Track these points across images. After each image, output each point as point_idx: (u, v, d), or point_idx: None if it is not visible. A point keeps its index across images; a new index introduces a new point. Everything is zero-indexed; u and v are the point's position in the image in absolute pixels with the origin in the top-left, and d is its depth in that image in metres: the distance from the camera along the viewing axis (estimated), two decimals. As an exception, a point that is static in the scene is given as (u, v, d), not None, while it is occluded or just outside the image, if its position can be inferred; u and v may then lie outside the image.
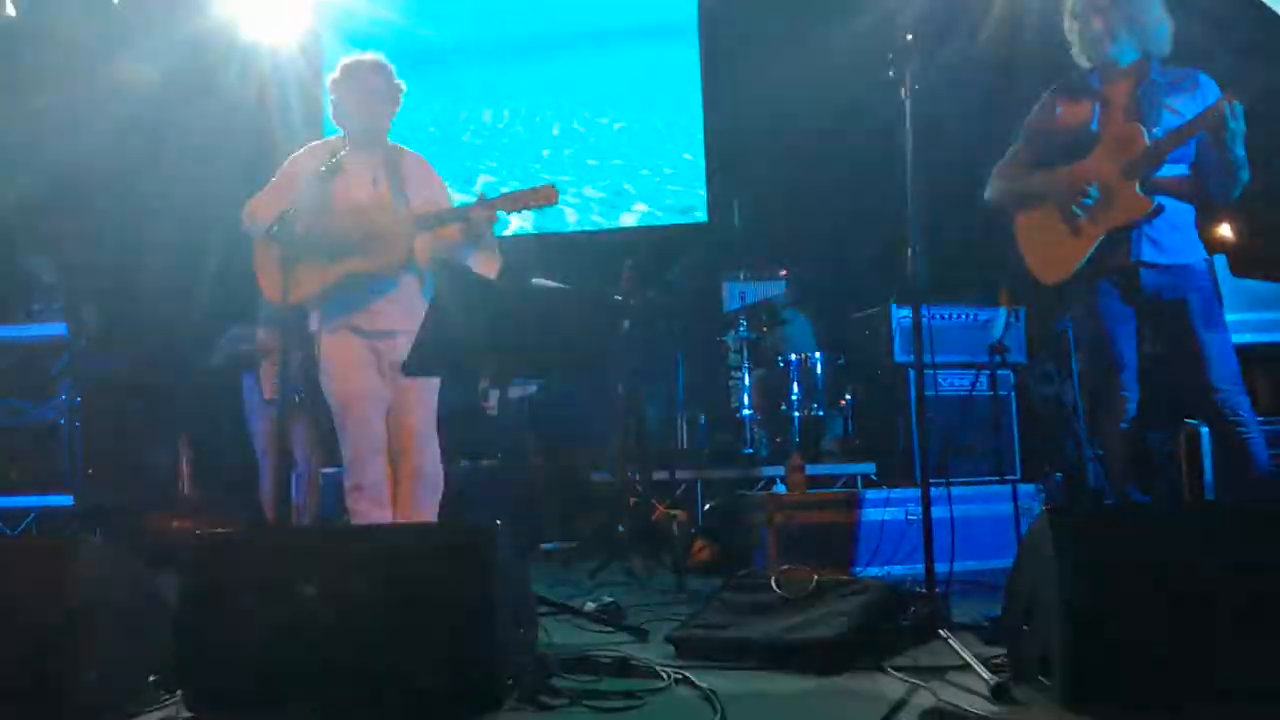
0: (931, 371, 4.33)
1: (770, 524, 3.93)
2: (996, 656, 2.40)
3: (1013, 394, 4.49)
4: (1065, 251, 3.13)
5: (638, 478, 4.97)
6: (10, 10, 6.46)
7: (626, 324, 4.68)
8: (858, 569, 3.86)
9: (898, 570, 3.81)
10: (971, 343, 4.34)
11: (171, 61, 6.76)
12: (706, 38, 7.25)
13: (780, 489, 4.41)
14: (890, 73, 2.67)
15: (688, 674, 2.39)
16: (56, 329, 5.70)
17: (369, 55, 3.43)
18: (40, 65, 6.65)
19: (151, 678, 2.21)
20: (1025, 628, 2.24)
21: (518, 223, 6.82)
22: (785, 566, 2.80)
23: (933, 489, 2.69)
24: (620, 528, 4.61)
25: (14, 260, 6.31)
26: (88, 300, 6.14)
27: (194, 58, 6.82)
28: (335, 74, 3.41)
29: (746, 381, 5.78)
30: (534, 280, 3.02)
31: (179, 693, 2.15)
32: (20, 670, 2.08)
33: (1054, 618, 2.06)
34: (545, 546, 5.38)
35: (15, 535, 5.51)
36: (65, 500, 5.60)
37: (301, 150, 3.45)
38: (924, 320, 2.77)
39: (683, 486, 5.46)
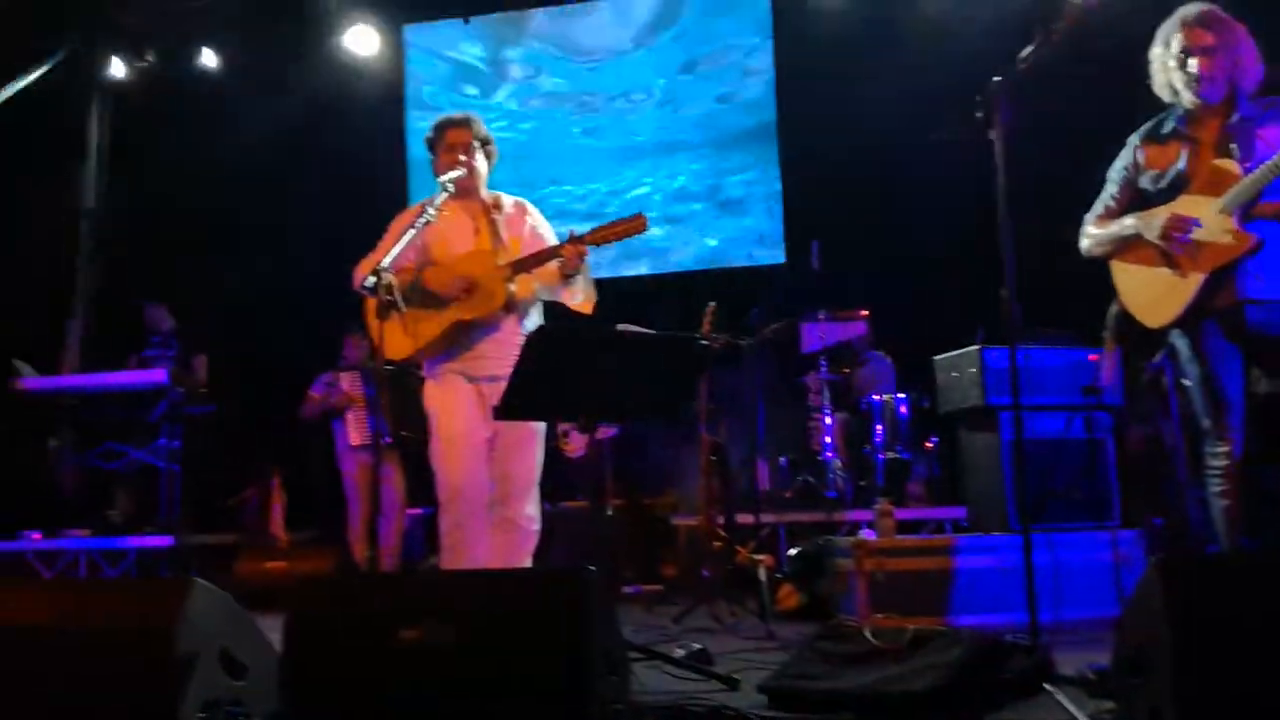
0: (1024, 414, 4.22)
1: (860, 570, 3.85)
2: (1105, 712, 2.32)
3: (1110, 437, 4.34)
4: (1169, 295, 3.06)
5: (721, 521, 4.94)
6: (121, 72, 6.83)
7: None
8: (951, 618, 3.76)
9: (993, 620, 3.70)
10: (1065, 384, 4.22)
11: (276, 124, 7.12)
12: (782, 78, 7.29)
13: (867, 533, 4.33)
14: (978, 114, 2.65)
15: (781, 725, 2.36)
16: (156, 375, 5.92)
17: (460, 112, 3.56)
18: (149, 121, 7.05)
19: (254, 720, 2.25)
20: (1135, 681, 2.16)
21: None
22: (879, 615, 2.74)
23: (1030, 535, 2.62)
24: (705, 572, 4.57)
25: (131, 306, 6.63)
26: (199, 350, 6.40)
27: (288, 114, 7.16)
28: (430, 132, 3.53)
29: (828, 423, 5.73)
30: (620, 326, 3.03)
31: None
32: (130, 708, 2.14)
33: (1165, 672, 1.98)
34: (625, 590, 5.37)
35: (116, 575, 5.69)
36: (164, 541, 5.77)
37: (405, 211, 3.56)
38: (1018, 361, 2.71)
39: (766, 530, 5.41)
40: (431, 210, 3.12)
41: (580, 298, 3.35)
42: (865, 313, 6.19)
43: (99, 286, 7.12)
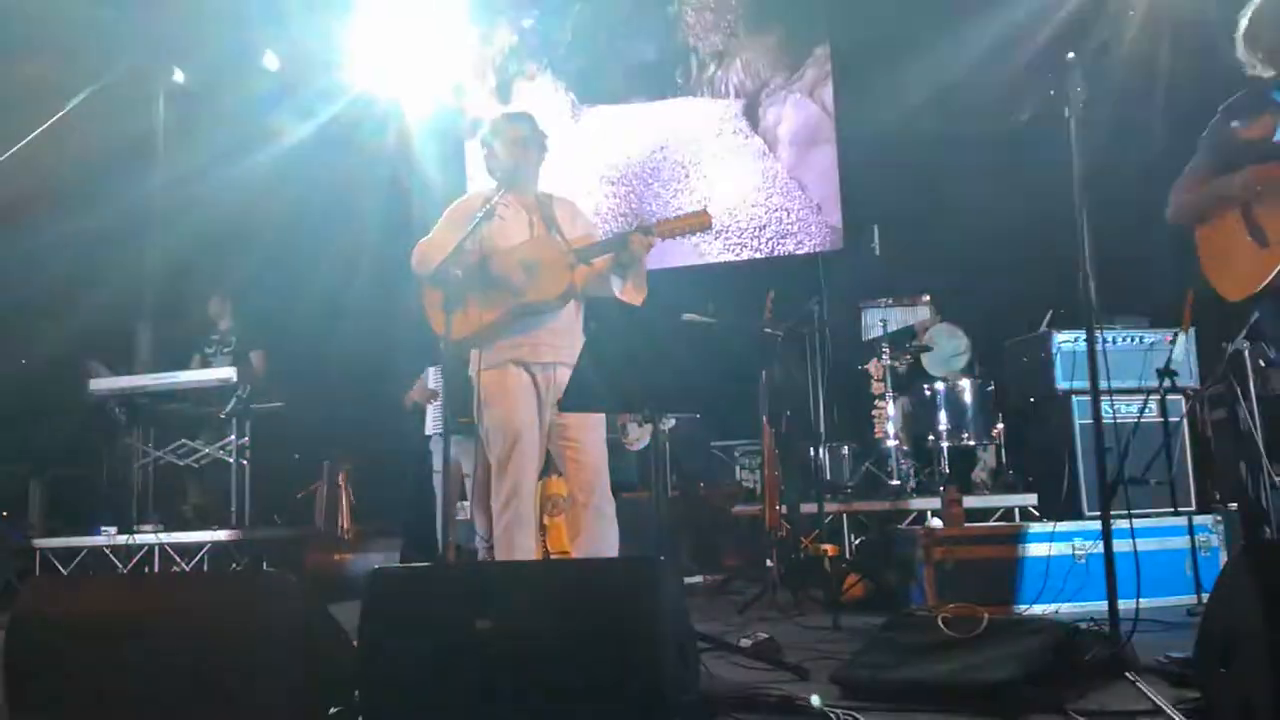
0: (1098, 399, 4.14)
1: (928, 559, 3.81)
2: (1187, 700, 2.26)
3: (1184, 420, 4.23)
4: (1251, 266, 2.96)
5: (784, 510, 4.91)
6: (181, 78, 7.01)
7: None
8: (1021, 606, 3.71)
9: (1065, 608, 3.65)
10: (1139, 367, 4.12)
11: (318, 117, 7.19)
12: (838, 58, 7.19)
13: (932, 522, 4.28)
14: (1051, 91, 2.59)
15: (856, 715, 2.33)
16: (225, 372, 6.02)
17: (516, 108, 3.59)
18: (206, 124, 7.18)
19: (333, 710, 2.29)
20: (1223, 670, 2.10)
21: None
22: (952, 605, 2.70)
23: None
24: (769, 562, 4.55)
25: (193, 306, 6.76)
26: (256, 346, 6.53)
27: (338, 113, 7.23)
28: (485, 128, 3.57)
29: (890, 411, 5.65)
30: (685, 316, 3.02)
31: (360, 724, 2.22)
32: (217, 699, 2.19)
33: (1259, 661, 1.93)
34: (687, 580, 5.36)
35: (188, 569, 5.80)
36: (235, 535, 5.87)
37: (460, 200, 3.60)
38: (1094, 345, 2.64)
39: (829, 519, 5.36)
40: (495, 204, 3.17)
41: (632, 290, 3.35)
42: (927, 297, 6.10)
43: (164, 285, 7.24)
